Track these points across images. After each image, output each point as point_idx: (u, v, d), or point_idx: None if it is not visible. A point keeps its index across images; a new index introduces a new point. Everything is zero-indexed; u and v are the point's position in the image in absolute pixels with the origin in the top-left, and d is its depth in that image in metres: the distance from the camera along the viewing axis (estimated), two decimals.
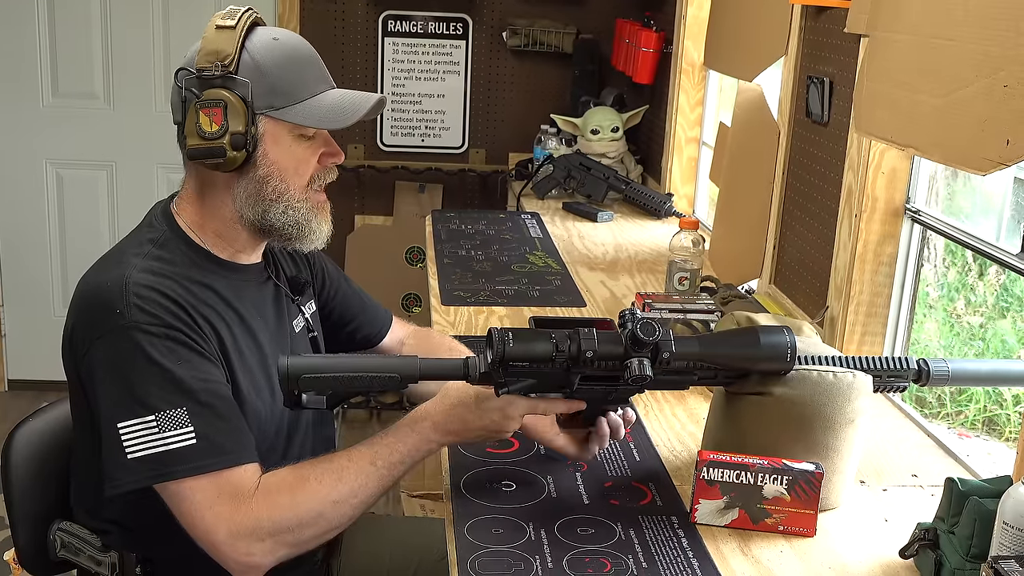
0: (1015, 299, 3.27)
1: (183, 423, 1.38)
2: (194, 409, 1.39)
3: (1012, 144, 1.41)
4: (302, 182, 1.54)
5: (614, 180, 3.47)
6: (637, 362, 1.40)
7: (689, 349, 1.45)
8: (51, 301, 4.26)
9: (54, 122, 4.12)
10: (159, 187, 4.18)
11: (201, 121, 1.46)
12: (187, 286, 1.49)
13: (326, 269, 1.84)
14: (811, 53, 2.32)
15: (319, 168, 1.56)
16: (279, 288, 1.68)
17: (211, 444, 1.39)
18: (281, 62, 1.50)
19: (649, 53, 3.58)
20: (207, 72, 1.47)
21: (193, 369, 1.41)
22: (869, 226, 2.03)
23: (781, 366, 1.45)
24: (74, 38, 4.05)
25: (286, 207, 1.53)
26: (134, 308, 1.41)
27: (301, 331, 1.70)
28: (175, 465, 1.37)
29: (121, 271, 1.46)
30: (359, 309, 1.89)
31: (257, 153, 1.50)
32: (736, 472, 1.44)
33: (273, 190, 1.52)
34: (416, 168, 4.18)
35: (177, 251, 1.53)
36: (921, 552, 1.36)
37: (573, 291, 2.55)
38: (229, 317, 1.53)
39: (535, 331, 1.42)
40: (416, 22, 4.10)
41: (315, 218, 1.56)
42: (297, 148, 1.53)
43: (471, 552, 1.37)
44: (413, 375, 1.42)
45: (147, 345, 1.39)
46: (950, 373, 1.55)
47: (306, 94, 1.51)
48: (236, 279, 1.58)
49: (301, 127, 1.51)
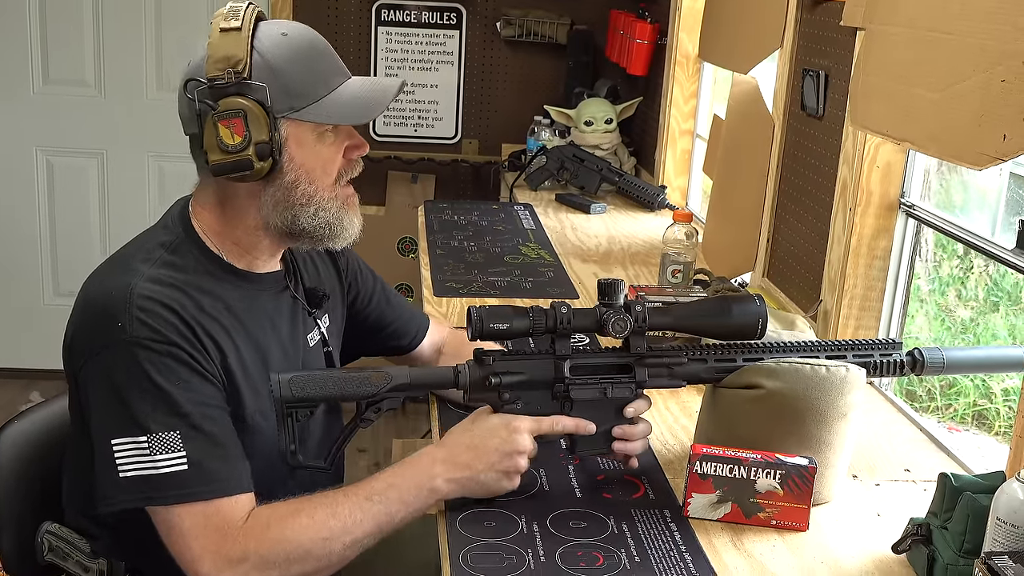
0: (1005, 293, 3.27)
1: (176, 447, 1.34)
2: (188, 433, 1.35)
3: (1009, 139, 1.41)
4: (329, 180, 1.49)
5: (607, 172, 3.46)
6: (615, 315, 1.46)
7: (663, 319, 1.50)
8: (41, 290, 4.24)
9: (44, 109, 4.09)
10: (150, 175, 4.16)
11: (222, 134, 1.40)
12: (195, 297, 1.44)
13: (360, 276, 1.79)
14: (807, 46, 2.31)
15: (345, 163, 1.51)
16: (296, 300, 1.62)
17: (202, 471, 1.35)
18: (295, 59, 1.44)
19: (643, 44, 3.57)
20: (220, 80, 1.41)
21: (191, 391, 1.38)
22: (863, 220, 2.02)
23: (753, 333, 1.49)
24: (65, 25, 4.03)
25: (316, 209, 1.48)
26: (136, 322, 1.36)
27: (316, 345, 1.64)
28: (165, 490, 1.34)
29: (128, 279, 1.41)
30: (393, 316, 1.83)
31: (283, 158, 1.44)
32: (729, 466, 1.43)
33: (302, 194, 1.47)
34: (409, 158, 4.16)
35: (190, 256, 1.48)
36: (914, 547, 1.36)
37: (566, 283, 2.55)
38: (237, 332, 1.48)
39: (512, 306, 1.47)
40: (409, 11, 4.09)
41: (346, 215, 1.51)
42: (322, 147, 1.48)
43: (463, 545, 1.36)
44: (404, 385, 1.44)
45: (146, 363, 1.35)
46: (945, 361, 1.56)
47: (324, 90, 1.45)
48: (251, 289, 1.53)
49: (323, 124, 1.46)
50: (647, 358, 1.50)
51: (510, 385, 1.47)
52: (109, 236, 4.21)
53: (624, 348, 1.51)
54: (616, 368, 1.50)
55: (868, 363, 1.52)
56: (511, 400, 1.48)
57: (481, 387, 1.47)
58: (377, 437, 3.77)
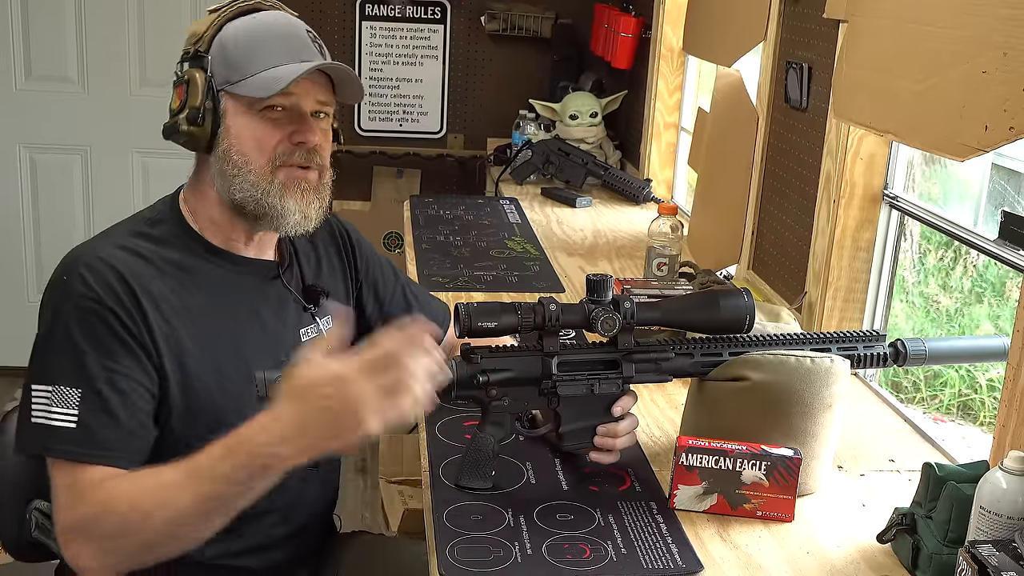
0: (989, 285, 3.29)
1: (72, 404, 1.37)
2: (88, 395, 1.37)
3: (990, 130, 1.42)
4: (263, 159, 1.50)
5: (593, 166, 3.46)
6: (604, 312, 1.46)
7: (651, 314, 1.50)
8: (25, 287, 4.22)
9: (27, 106, 4.07)
10: (135, 171, 4.14)
11: (172, 100, 1.52)
12: (160, 267, 1.47)
13: (380, 279, 1.79)
14: (790, 39, 2.32)
15: (287, 145, 1.51)
16: (289, 291, 1.62)
17: (88, 434, 1.36)
18: (244, 38, 1.50)
19: (628, 38, 3.57)
20: (186, 54, 1.52)
21: (106, 356, 1.39)
22: (847, 212, 2.03)
23: (740, 327, 1.50)
24: (47, 20, 4.00)
25: (248, 184, 1.49)
26: (78, 279, 1.42)
27: (312, 341, 1.61)
28: (53, 442, 1.36)
29: (96, 243, 1.49)
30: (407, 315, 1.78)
31: (221, 129, 1.50)
32: (715, 458, 1.44)
33: (233, 164, 1.50)
34: (394, 153, 4.15)
35: (169, 231, 1.53)
36: (899, 537, 1.37)
37: (552, 277, 2.55)
38: (202, 308, 1.49)
39: (501, 303, 1.47)
40: (393, 6, 4.08)
41: (287, 199, 1.51)
42: (257, 123, 1.49)
43: (450, 539, 1.36)
44: None
45: (72, 319, 1.40)
46: (928, 352, 1.57)
47: (260, 67, 1.48)
48: (232, 269, 1.55)
49: (262, 101, 1.48)
50: (634, 353, 1.50)
51: (497, 382, 1.47)
52: (94, 233, 4.18)
53: (611, 343, 1.51)
54: (603, 364, 1.51)
55: (852, 355, 1.53)
56: (498, 397, 1.48)
57: (469, 384, 1.47)
58: None
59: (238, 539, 1.53)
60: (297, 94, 1.49)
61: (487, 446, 1.48)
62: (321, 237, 1.70)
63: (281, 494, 1.38)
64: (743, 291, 1.51)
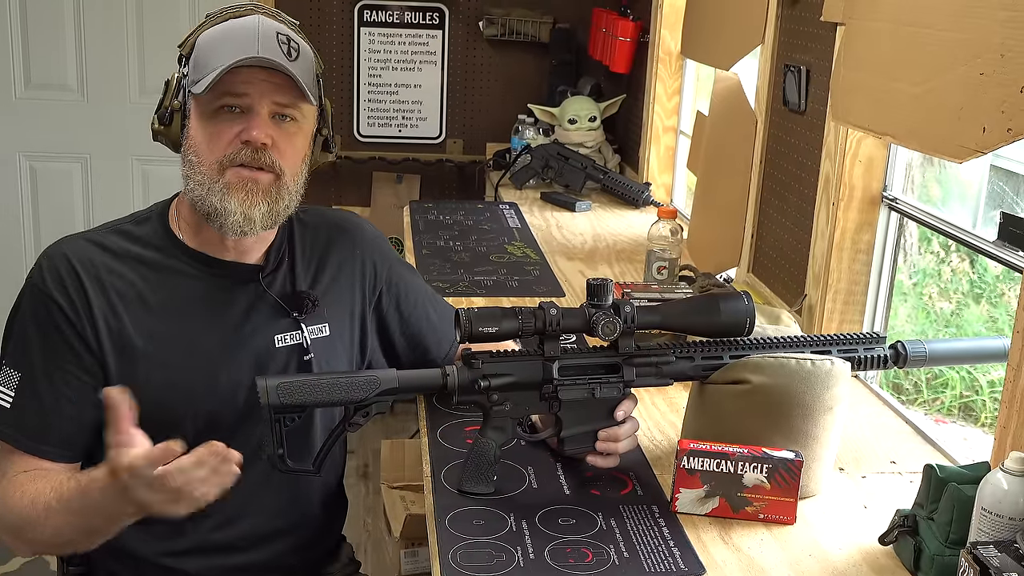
0: (988, 285, 3.29)
1: (11, 385, 1.46)
2: (26, 380, 1.46)
3: (989, 132, 1.42)
4: (213, 158, 1.48)
5: (592, 170, 3.46)
6: (604, 317, 1.46)
7: (651, 318, 1.51)
8: None
9: (27, 114, 4.08)
10: (135, 179, 4.15)
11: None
12: (124, 259, 1.52)
13: (404, 294, 1.73)
14: (788, 42, 2.32)
15: (236, 144, 1.48)
16: (268, 296, 1.58)
17: (18, 417, 1.45)
18: (212, 39, 1.50)
19: (626, 42, 3.58)
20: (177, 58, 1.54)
21: (48, 346, 1.46)
22: (846, 214, 2.03)
23: (741, 331, 1.51)
24: (46, 29, 4.01)
25: (195, 182, 1.49)
26: (37, 267, 1.50)
27: (287, 348, 1.58)
28: None
29: (72, 236, 1.55)
30: (428, 331, 1.76)
31: (186, 129, 1.52)
32: (716, 461, 1.44)
33: (190, 164, 1.51)
34: (393, 159, 4.16)
35: (150, 230, 1.56)
36: (900, 538, 1.37)
37: (551, 281, 2.55)
38: (158, 303, 1.51)
39: (501, 308, 1.47)
40: (392, 12, 4.08)
41: (227, 199, 1.47)
42: (210, 123, 1.48)
43: (452, 544, 1.36)
44: (392, 389, 1.44)
45: (27, 304, 1.49)
46: (928, 354, 1.57)
47: (213, 67, 1.46)
48: (204, 271, 1.54)
49: (216, 101, 1.47)
50: (635, 357, 1.51)
51: (499, 387, 1.47)
52: None
53: (612, 347, 1.51)
54: (604, 368, 1.51)
55: (852, 357, 1.53)
56: (499, 402, 1.48)
57: (470, 390, 1.47)
58: (365, 438, 3.77)
59: (180, 538, 1.57)
60: (250, 94, 1.47)
61: (489, 451, 1.48)
62: (337, 246, 1.67)
63: (224, 499, 1.36)
64: (743, 294, 1.52)
